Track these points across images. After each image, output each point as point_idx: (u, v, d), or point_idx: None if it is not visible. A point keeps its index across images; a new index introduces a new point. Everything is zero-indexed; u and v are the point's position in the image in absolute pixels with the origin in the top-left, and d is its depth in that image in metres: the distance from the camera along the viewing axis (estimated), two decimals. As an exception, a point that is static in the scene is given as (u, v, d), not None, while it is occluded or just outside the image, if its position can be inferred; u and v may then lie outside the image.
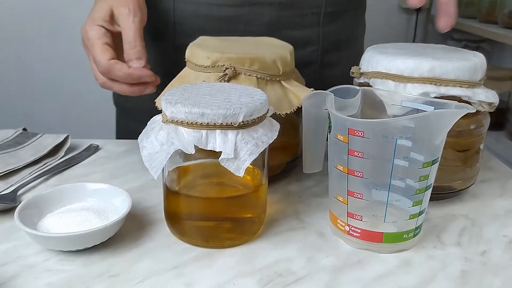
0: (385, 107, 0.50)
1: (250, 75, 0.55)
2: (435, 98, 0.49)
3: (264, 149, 0.44)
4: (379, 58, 0.53)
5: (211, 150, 0.42)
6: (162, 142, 0.44)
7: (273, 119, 0.48)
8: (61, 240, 0.44)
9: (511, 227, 0.52)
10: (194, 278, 0.42)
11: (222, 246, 0.47)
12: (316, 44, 0.76)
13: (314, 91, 0.51)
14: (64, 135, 0.69)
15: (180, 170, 0.48)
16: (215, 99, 0.44)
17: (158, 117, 0.47)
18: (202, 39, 0.62)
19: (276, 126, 0.47)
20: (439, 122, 0.42)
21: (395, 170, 0.43)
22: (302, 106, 0.52)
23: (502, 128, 1.77)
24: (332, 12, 0.76)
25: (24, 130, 0.71)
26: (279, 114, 0.53)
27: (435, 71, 0.50)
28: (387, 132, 0.42)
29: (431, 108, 0.46)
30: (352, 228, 0.46)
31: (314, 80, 0.65)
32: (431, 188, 0.46)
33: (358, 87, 0.51)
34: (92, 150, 0.68)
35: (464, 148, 0.54)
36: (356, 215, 0.46)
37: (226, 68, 0.54)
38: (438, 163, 0.45)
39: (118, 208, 0.49)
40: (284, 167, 0.61)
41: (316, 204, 0.55)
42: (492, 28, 1.70)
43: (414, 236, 0.47)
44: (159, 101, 0.57)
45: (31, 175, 0.60)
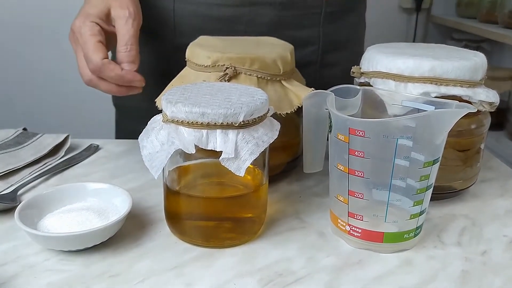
0: (385, 107, 0.50)
1: (250, 75, 0.54)
2: (435, 97, 0.49)
3: (265, 148, 0.44)
4: (379, 58, 0.53)
5: (212, 150, 0.42)
6: (163, 141, 0.44)
7: (273, 118, 0.48)
8: (61, 240, 0.44)
9: (511, 227, 0.52)
10: (195, 278, 0.42)
11: (223, 246, 0.47)
12: (316, 44, 0.76)
13: (314, 90, 0.51)
14: (64, 135, 0.69)
15: (180, 169, 0.48)
16: (215, 99, 0.44)
17: (158, 116, 0.47)
18: (202, 39, 0.62)
19: (277, 125, 0.47)
20: (440, 121, 0.42)
21: (396, 170, 0.43)
22: (302, 106, 0.52)
23: (502, 128, 1.77)
24: (332, 12, 0.76)
25: (24, 130, 0.71)
26: (280, 113, 0.53)
27: (435, 70, 0.50)
28: (388, 131, 0.42)
29: (431, 108, 0.46)
30: (353, 228, 0.46)
31: (314, 80, 0.65)
32: (431, 188, 0.46)
33: (358, 87, 0.50)
34: (92, 150, 0.68)
35: (464, 148, 0.54)
36: (356, 215, 0.46)
37: (227, 68, 0.54)
38: (439, 163, 0.45)
39: (118, 208, 0.49)
40: (285, 167, 0.61)
41: (317, 204, 0.55)
42: (492, 28, 1.70)
43: (414, 236, 0.46)
44: (159, 100, 0.57)
45: (31, 175, 0.60)
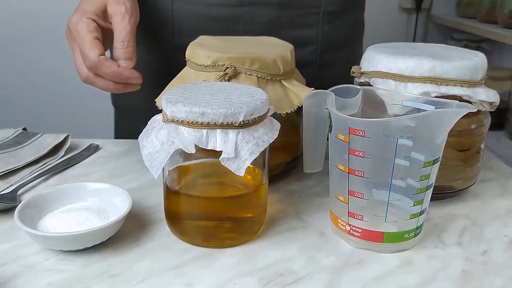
0: (385, 107, 0.50)
1: (250, 75, 0.54)
2: (435, 97, 0.49)
3: (265, 148, 0.44)
4: (379, 58, 0.53)
5: (212, 150, 0.42)
6: (163, 141, 0.44)
7: (273, 118, 0.48)
8: (61, 239, 0.44)
9: (511, 227, 0.52)
10: (195, 278, 0.42)
11: (223, 246, 0.46)
12: (315, 44, 0.76)
13: (314, 90, 0.51)
14: (64, 135, 0.69)
15: (180, 169, 0.48)
16: (215, 99, 0.44)
17: (158, 116, 0.47)
18: (202, 39, 0.62)
19: (277, 125, 0.47)
20: (440, 121, 0.42)
21: (396, 170, 0.43)
22: (302, 106, 0.52)
23: (502, 128, 1.77)
24: (331, 12, 0.75)
25: (24, 129, 0.71)
26: (280, 113, 0.53)
27: (435, 70, 0.50)
28: (388, 131, 0.42)
29: (432, 108, 0.46)
30: (353, 228, 0.46)
31: (313, 80, 0.65)
32: (432, 188, 0.45)
33: (358, 87, 0.50)
34: (92, 150, 0.68)
35: (464, 147, 0.54)
36: (357, 214, 0.45)
37: (227, 68, 0.54)
38: (439, 162, 0.45)
39: (118, 207, 0.49)
40: (285, 166, 0.61)
41: (317, 204, 0.55)
42: (492, 28, 1.70)
43: (415, 236, 0.46)
44: (159, 100, 0.57)
45: (31, 174, 0.60)
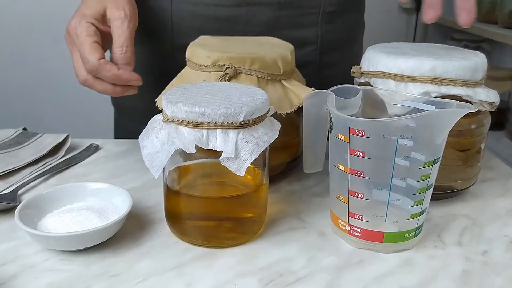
0: (386, 107, 0.50)
1: (250, 75, 0.54)
2: (436, 97, 0.49)
3: (265, 148, 0.44)
4: (380, 58, 0.53)
5: (212, 150, 0.42)
6: (163, 141, 0.44)
7: (273, 118, 0.48)
8: (61, 239, 0.44)
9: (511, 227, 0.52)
10: (195, 278, 0.42)
11: (223, 246, 0.46)
12: (314, 44, 0.76)
13: (314, 90, 0.51)
14: (64, 135, 0.69)
15: (180, 169, 0.48)
16: (216, 99, 0.44)
17: (158, 116, 0.47)
18: (202, 39, 0.62)
19: (277, 125, 0.47)
20: (440, 121, 0.42)
21: (396, 170, 0.43)
22: (302, 106, 0.52)
23: (502, 128, 1.77)
24: (331, 12, 0.75)
25: (24, 129, 0.71)
26: (280, 113, 0.53)
27: (436, 70, 0.50)
28: (388, 131, 0.42)
29: (432, 108, 0.46)
30: (353, 228, 0.46)
31: (313, 80, 0.65)
32: (432, 188, 0.45)
33: (359, 87, 0.50)
34: (92, 149, 0.68)
35: (465, 147, 0.54)
36: (357, 214, 0.45)
37: (227, 68, 0.54)
38: (439, 162, 0.45)
39: (118, 207, 0.49)
40: (285, 166, 0.61)
41: (317, 204, 0.55)
42: (492, 28, 1.70)
43: (415, 236, 0.46)
44: (159, 100, 0.57)
45: (31, 174, 0.60)
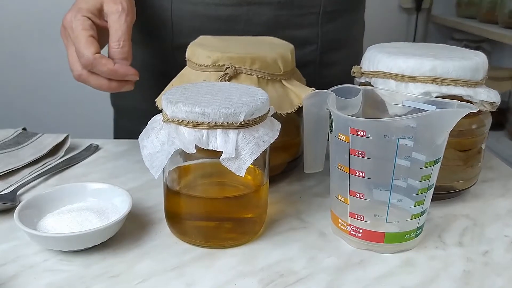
0: (386, 107, 0.50)
1: (251, 75, 0.54)
2: (436, 97, 0.49)
3: (265, 148, 0.44)
4: (380, 58, 0.53)
5: (212, 150, 0.42)
6: (163, 141, 0.44)
7: (274, 118, 0.48)
8: (61, 240, 0.44)
9: (513, 227, 0.51)
10: (195, 279, 0.42)
11: (223, 246, 0.46)
12: (314, 43, 0.76)
13: (315, 90, 0.51)
14: (64, 135, 0.68)
15: (180, 169, 0.47)
16: (216, 99, 0.44)
17: (158, 116, 0.47)
18: (202, 39, 0.61)
19: (277, 125, 0.47)
20: (441, 121, 0.42)
21: (397, 170, 0.43)
22: (303, 106, 0.52)
23: (502, 128, 1.77)
24: (331, 12, 0.75)
25: (24, 129, 0.71)
26: (280, 113, 0.53)
27: (436, 70, 0.50)
28: (389, 131, 0.42)
29: (432, 108, 0.46)
30: (354, 228, 0.46)
31: (313, 80, 0.65)
32: (433, 188, 0.45)
33: (359, 87, 0.50)
34: (92, 150, 0.68)
35: (465, 147, 0.54)
36: (357, 215, 0.45)
37: (227, 68, 0.54)
38: (440, 163, 0.45)
39: (118, 208, 0.49)
40: (285, 167, 0.60)
41: (317, 204, 0.55)
42: (492, 28, 1.70)
43: (416, 236, 0.46)
44: (159, 100, 0.57)
45: (31, 174, 0.60)
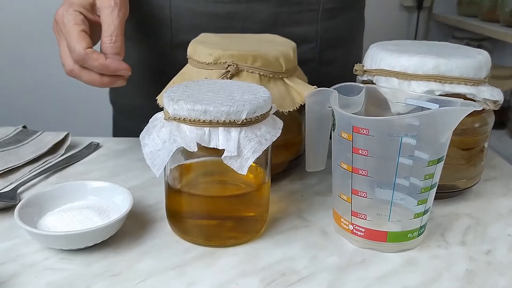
0: (389, 105, 0.50)
1: (252, 72, 0.54)
2: (439, 95, 0.48)
3: (267, 147, 0.44)
4: (383, 56, 0.53)
5: (214, 148, 0.42)
6: (164, 139, 0.43)
7: (276, 116, 0.48)
8: (61, 238, 0.43)
9: (516, 226, 0.51)
10: (196, 278, 0.42)
11: (225, 245, 0.46)
12: (314, 41, 0.76)
13: (317, 88, 0.51)
14: (64, 133, 0.68)
15: (182, 168, 0.47)
16: (217, 96, 0.43)
17: (160, 114, 0.46)
18: (204, 36, 0.61)
19: (280, 123, 0.46)
20: (445, 120, 0.42)
21: (400, 169, 0.43)
22: (305, 104, 0.51)
23: (504, 127, 1.77)
24: (330, 9, 0.75)
25: (24, 127, 0.71)
26: (282, 111, 0.52)
27: (439, 68, 0.50)
28: (392, 130, 0.42)
29: (436, 106, 0.46)
30: (356, 227, 0.46)
31: (312, 78, 0.64)
32: (436, 187, 0.45)
33: (362, 85, 0.50)
34: (92, 148, 0.68)
35: (468, 146, 0.54)
36: (360, 214, 0.45)
37: (229, 65, 0.53)
38: (443, 161, 0.44)
39: (119, 206, 0.48)
40: (287, 165, 0.60)
41: (319, 203, 0.55)
42: (493, 26, 1.70)
43: (418, 235, 0.46)
44: (160, 98, 0.56)
45: (31, 173, 0.60)
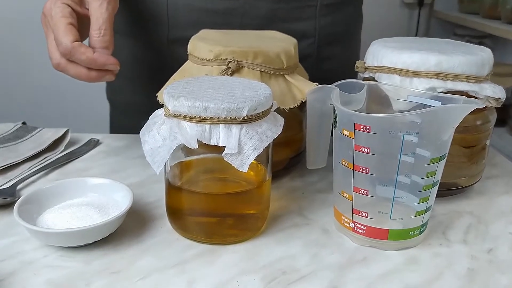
0: (390, 102, 0.49)
1: (253, 69, 0.54)
2: (441, 93, 0.48)
3: (268, 144, 0.43)
4: (384, 52, 0.53)
5: (215, 145, 0.41)
6: (165, 136, 0.43)
7: (277, 113, 0.47)
8: (61, 235, 0.43)
9: (517, 225, 0.51)
10: (197, 275, 0.42)
11: (225, 243, 0.46)
12: (312, 37, 0.75)
13: (318, 85, 0.50)
14: (64, 129, 0.68)
15: (182, 165, 0.47)
16: (218, 93, 0.43)
17: (160, 111, 0.46)
18: (204, 32, 0.61)
19: (281, 121, 0.46)
20: (447, 117, 0.42)
21: (402, 166, 0.43)
22: (306, 101, 0.51)
23: (504, 124, 1.77)
24: (329, 5, 0.74)
25: (24, 124, 0.71)
26: (283, 108, 0.52)
27: (442, 65, 0.50)
28: (394, 127, 0.42)
29: (438, 103, 0.45)
30: (357, 225, 0.46)
31: (311, 74, 0.64)
32: (437, 185, 0.45)
33: (363, 82, 0.50)
34: (92, 144, 0.68)
35: (470, 144, 0.53)
36: (361, 211, 0.45)
37: (229, 62, 0.53)
38: (445, 159, 0.44)
39: (119, 203, 0.48)
40: (288, 162, 0.60)
41: (320, 200, 0.54)
42: (495, 23, 1.69)
43: (420, 233, 0.46)
44: (160, 95, 0.56)
45: (31, 169, 0.60)
